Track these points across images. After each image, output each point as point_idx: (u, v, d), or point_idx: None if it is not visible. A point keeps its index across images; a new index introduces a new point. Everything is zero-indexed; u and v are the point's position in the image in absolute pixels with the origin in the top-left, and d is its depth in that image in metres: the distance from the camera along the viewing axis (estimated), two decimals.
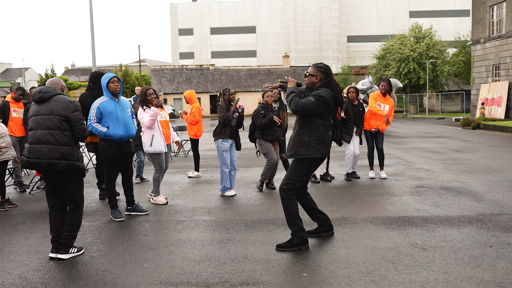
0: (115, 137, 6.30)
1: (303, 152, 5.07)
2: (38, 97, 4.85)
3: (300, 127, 5.14)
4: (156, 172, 7.34)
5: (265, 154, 8.21)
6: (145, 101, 7.20)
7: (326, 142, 5.13)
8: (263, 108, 8.15)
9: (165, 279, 4.22)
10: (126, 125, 6.37)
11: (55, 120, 4.75)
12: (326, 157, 5.45)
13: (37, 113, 4.84)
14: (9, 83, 66.03)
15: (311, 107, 4.95)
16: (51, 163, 4.67)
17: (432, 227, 5.75)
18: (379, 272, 4.29)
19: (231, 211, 6.83)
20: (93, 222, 6.29)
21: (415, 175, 9.66)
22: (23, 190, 8.69)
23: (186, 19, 75.83)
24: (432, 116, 41.00)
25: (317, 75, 5.13)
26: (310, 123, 5.07)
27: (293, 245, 5.02)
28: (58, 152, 4.70)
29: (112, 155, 6.39)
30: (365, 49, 72.16)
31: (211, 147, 16.27)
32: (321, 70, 5.15)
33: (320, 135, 5.07)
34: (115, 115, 6.28)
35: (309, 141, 5.05)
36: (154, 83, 54.47)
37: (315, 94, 5.01)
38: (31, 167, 4.76)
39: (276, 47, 74.29)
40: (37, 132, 4.77)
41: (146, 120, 7.07)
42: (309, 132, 5.07)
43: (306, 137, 5.07)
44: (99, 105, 6.25)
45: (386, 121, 9.01)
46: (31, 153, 4.73)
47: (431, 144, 16.30)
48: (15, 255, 4.97)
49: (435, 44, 44.67)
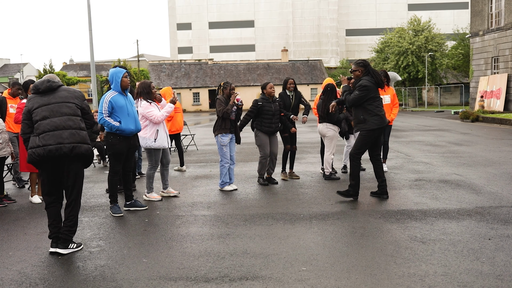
0: (126, 132, 6.30)
1: (362, 126, 6.63)
2: (46, 86, 4.86)
3: (355, 108, 6.73)
4: (151, 168, 7.24)
5: (259, 146, 8.20)
6: (149, 94, 7.14)
7: (378, 115, 6.59)
8: (262, 100, 8.13)
9: (164, 274, 4.21)
10: (135, 120, 6.40)
11: (72, 106, 4.86)
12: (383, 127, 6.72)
13: (47, 102, 4.82)
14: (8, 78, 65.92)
15: (357, 99, 6.57)
16: (74, 146, 4.71)
17: (431, 220, 5.75)
18: (378, 265, 4.29)
19: (230, 205, 6.82)
20: (92, 218, 6.28)
21: (414, 168, 9.66)
22: (21, 185, 8.68)
23: (184, 13, 75.60)
24: (431, 109, 40.99)
25: (359, 69, 6.73)
26: (361, 105, 6.61)
27: (349, 195, 6.82)
28: (79, 135, 4.78)
29: (120, 149, 6.36)
30: (364, 42, 72.05)
31: (210, 142, 16.26)
32: (360, 64, 6.79)
33: (372, 112, 6.56)
34: (126, 109, 6.29)
35: (364, 118, 6.58)
36: (153, 78, 54.35)
37: (358, 86, 6.59)
38: (51, 154, 4.64)
39: (275, 41, 74.14)
40: (53, 119, 4.74)
41: (159, 115, 6.99)
42: (363, 111, 6.60)
43: (361, 115, 6.60)
44: (110, 99, 6.22)
45: None
46: (50, 139, 4.66)
47: (430, 137, 16.30)
48: (14, 251, 4.96)
49: (434, 37, 44.61)
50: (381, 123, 6.62)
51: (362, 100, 6.56)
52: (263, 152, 8.16)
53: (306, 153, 12.48)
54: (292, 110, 8.63)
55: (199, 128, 24.91)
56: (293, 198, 7.18)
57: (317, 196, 7.26)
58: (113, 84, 6.32)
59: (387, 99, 9.06)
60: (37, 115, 4.80)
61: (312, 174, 9.21)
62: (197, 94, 56.13)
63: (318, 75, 57.35)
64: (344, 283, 3.91)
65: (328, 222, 5.78)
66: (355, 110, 6.73)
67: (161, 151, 7.27)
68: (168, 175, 7.56)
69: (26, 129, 4.90)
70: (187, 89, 55.77)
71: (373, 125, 6.57)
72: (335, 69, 58.29)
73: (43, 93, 4.88)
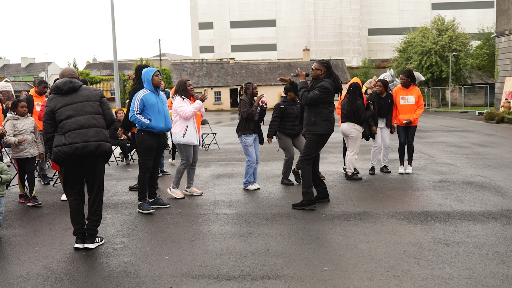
0: (156, 130, 6.41)
1: (311, 129, 6.39)
2: (69, 87, 4.95)
3: (308, 109, 6.46)
4: (182, 164, 7.36)
5: (284, 149, 8.20)
6: (185, 91, 7.28)
7: (329, 120, 6.39)
8: (284, 102, 8.14)
9: (187, 272, 4.24)
10: (166, 118, 6.51)
11: (95, 105, 4.99)
12: (330, 133, 6.52)
13: (71, 101, 4.92)
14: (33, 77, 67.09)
15: (316, 98, 6.28)
16: (99, 144, 4.86)
17: (455, 222, 5.67)
18: (401, 267, 4.26)
19: (252, 204, 6.84)
20: (115, 215, 6.36)
21: (437, 169, 9.54)
22: (46, 182, 8.82)
23: (206, 12, 75.92)
24: (455, 110, 40.41)
25: (321, 68, 6.43)
26: (316, 107, 6.37)
27: (302, 204, 6.47)
28: (102, 134, 4.95)
29: (150, 145, 6.47)
30: (386, 42, 71.40)
31: (232, 141, 16.31)
32: (324, 65, 6.45)
33: (324, 116, 6.35)
34: (156, 108, 6.42)
35: (315, 120, 6.35)
36: (175, 77, 54.72)
37: (319, 86, 6.29)
38: (77, 152, 4.77)
39: (296, 41, 73.94)
40: (78, 118, 4.86)
41: (187, 111, 7.10)
42: (316, 114, 6.36)
43: (313, 117, 6.37)
44: (142, 97, 6.39)
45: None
46: (76, 137, 4.79)
47: (453, 138, 16.07)
48: (39, 246, 5.05)
49: (458, 37, 43.94)
50: (330, 129, 6.43)
51: (319, 102, 6.32)
52: (289, 154, 8.16)
53: (328, 153, 12.42)
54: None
55: (220, 127, 25.00)
56: None
57: (339, 196, 7.23)
58: (145, 83, 6.47)
59: (411, 100, 8.92)
60: (61, 115, 4.90)
61: (334, 174, 9.16)
62: (219, 93, 56.33)
63: (339, 75, 57.00)
64: (366, 284, 3.89)
65: (351, 222, 5.75)
66: (308, 111, 6.47)
67: (193, 148, 7.33)
68: (194, 174, 7.60)
69: (49, 128, 4.98)
70: (208, 88, 55.94)
71: (322, 129, 6.37)
72: (357, 69, 57.84)
73: (66, 93, 4.97)
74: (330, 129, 6.44)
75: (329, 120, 6.41)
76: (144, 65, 7.28)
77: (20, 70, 74.05)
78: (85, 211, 5.07)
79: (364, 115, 8.40)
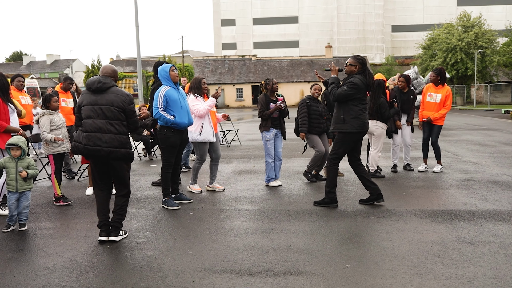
0: (180, 126, 6.42)
1: (339, 127, 6.21)
2: (96, 87, 4.98)
3: (337, 106, 6.28)
4: (197, 161, 7.40)
5: (313, 146, 8.18)
6: (199, 89, 7.30)
7: (359, 118, 6.15)
8: (309, 99, 8.16)
9: (209, 266, 4.27)
10: (188, 113, 6.51)
11: (115, 111, 4.96)
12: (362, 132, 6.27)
13: (94, 102, 4.97)
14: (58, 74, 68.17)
15: (344, 95, 6.11)
16: (111, 151, 4.88)
17: (480, 221, 5.59)
18: (424, 265, 4.21)
19: (274, 201, 6.84)
20: (138, 210, 6.43)
21: (462, 168, 9.40)
22: (71, 177, 8.97)
23: (228, 9, 76.03)
24: (480, 108, 39.74)
25: (356, 65, 6.24)
26: (345, 104, 6.17)
27: (324, 202, 6.41)
28: (117, 141, 4.93)
29: (174, 142, 6.48)
30: (410, 38, 70.52)
31: (253, 137, 16.33)
32: (359, 61, 6.27)
33: (354, 113, 6.12)
34: (179, 103, 6.40)
35: (344, 118, 6.14)
36: (197, 74, 54.99)
37: (348, 82, 6.12)
38: (90, 154, 4.91)
39: (319, 37, 73.53)
40: (96, 121, 4.92)
41: (201, 109, 7.12)
42: (345, 111, 6.16)
43: (341, 115, 6.17)
44: (165, 93, 6.34)
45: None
46: (90, 140, 4.88)
47: (479, 136, 15.82)
48: (65, 239, 5.14)
49: (484, 33, 43.21)
50: (361, 127, 6.16)
51: (348, 98, 6.09)
52: (319, 149, 8.10)
53: None
54: None
55: (242, 123, 25.04)
56: (337, 195, 7.10)
57: (362, 193, 7.18)
58: (164, 79, 6.44)
59: (438, 98, 8.78)
60: (84, 112, 5.02)
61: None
62: (241, 90, 56.42)
63: None
64: (389, 282, 3.86)
65: (373, 220, 5.71)
66: (337, 108, 6.26)
67: (208, 145, 7.37)
68: (216, 170, 7.64)
69: (78, 122, 5.14)
70: (230, 85, 56.13)
71: (351, 128, 6.12)
72: (380, 66, 57.31)
73: (94, 92, 5.04)
74: (361, 127, 6.17)
75: (359, 118, 6.15)
76: (160, 62, 7.21)
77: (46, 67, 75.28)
78: (110, 205, 5.15)
79: (388, 113, 8.32)
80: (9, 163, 5.49)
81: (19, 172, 5.43)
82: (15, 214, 5.48)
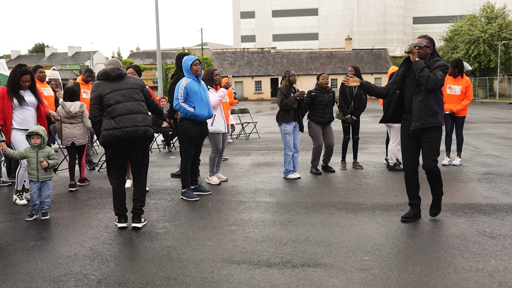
0: (200, 118, 6.47)
1: (432, 121, 5.07)
2: (117, 74, 5.18)
3: (425, 97, 5.06)
4: (213, 152, 7.48)
5: (312, 137, 8.20)
6: (211, 80, 7.35)
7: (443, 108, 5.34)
8: (316, 90, 8.19)
9: (228, 257, 4.30)
10: (208, 106, 6.56)
11: (140, 93, 5.25)
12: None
13: (119, 88, 5.14)
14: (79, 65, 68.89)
15: (442, 80, 5.00)
16: (146, 129, 5.13)
17: (501, 215, 5.52)
18: (444, 258, 4.18)
19: (292, 193, 6.84)
20: (158, 200, 6.49)
21: (483, 161, 9.28)
22: (92, 168, 9.08)
23: (248, 2, 75.86)
24: (503, 100, 39.07)
25: (431, 46, 5.18)
26: (435, 92, 5.10)
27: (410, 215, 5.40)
28: (148, 120, 5.22)
29: (194, 134, 6.54)
30: (432, 30, 69.37)
31: (272, 130, 16.33)
32: (432, 42, 5.23)
33: (442, 102, 5.21)
34: (199, 95, 6.45)
35: (436, 109, 5.08)
36: (216, 66, 55.08)
37: (441, 66, 5.04)
38: (128, 136, 5.00)
39: (339, 30, 72.98)
40: (126, 104, 5.09)
41: (213, 100, 7.17)
42: (435, 101, 5.10)
43: (434, 106, 5.07)
44: (186, 84, 6.41)
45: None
46: (127, 122, 5.02)
47: (501, 129, 15.57)
48: (86, 229, 5.22)
49: (508, 25, 42.39)
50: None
51: (443, 84, 5.10)
52: (317, 142, 8.18)
53: (370, 143, 12.27)
54: (355, 99, 8.45)
55: (260, 116, 25.04)
56: (356, 188, 7.10)
57: (381, 186, 7.14)
58: (186, 71, 6.52)
59: (458, 90, 8.69)
60: (110, 100, 5.08)
61: (375, 165, 9.06)
62: (259, 82, 56.35)
63: (382, 64, 56.04)
64: (408, 275, 3.84)
65: (392, 213, 5.68)
66: (425, 98, 5.04)
67: (221, 135, 7.42)
68: (220, 161, 7.72)
69: (96, 112, 5.15)
70: (249, 78, 56.10)
71: (442, 119, 5.16)
72: (401, 58, 56.66)
73: (113, 79, 5.17)
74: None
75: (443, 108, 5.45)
76: (184, 53, 7.27)
77: (67, 59, 76.05)
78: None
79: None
80: (30, 153, 5.58)
81: (40, 162, 5.52)
82: (37, 203, 5.58)
